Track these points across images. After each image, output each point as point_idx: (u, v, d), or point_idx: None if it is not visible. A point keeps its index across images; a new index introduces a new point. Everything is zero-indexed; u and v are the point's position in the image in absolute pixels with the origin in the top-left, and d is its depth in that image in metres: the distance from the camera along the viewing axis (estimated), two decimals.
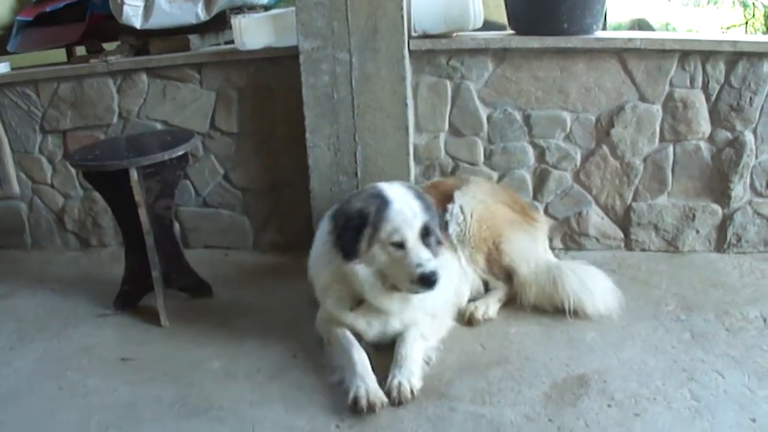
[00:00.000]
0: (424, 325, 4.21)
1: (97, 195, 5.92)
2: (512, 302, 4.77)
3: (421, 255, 3.93)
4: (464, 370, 4.09)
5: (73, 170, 6.21)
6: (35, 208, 6.45)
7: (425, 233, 4.01)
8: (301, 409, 3.84)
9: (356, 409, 3.65)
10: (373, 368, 3.93)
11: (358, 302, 4.17)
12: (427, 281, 3.85)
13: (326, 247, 4.24)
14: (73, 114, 6.10)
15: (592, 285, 4.62)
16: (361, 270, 4.01)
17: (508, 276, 4.79)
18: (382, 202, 4.01)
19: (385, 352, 4.12)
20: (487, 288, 4.84)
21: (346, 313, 4.21)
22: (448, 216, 4.71)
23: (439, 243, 4.12)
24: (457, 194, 4.85)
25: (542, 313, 4.65)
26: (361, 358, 3.99)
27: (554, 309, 4.63)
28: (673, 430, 3.47)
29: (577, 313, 4.56)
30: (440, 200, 4.79)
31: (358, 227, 3.97)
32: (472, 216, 4.73)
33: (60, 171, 6.30)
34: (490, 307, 4.66)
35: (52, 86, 6.06)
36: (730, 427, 3.47)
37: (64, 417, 3.93)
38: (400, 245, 3.94)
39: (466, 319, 4.60)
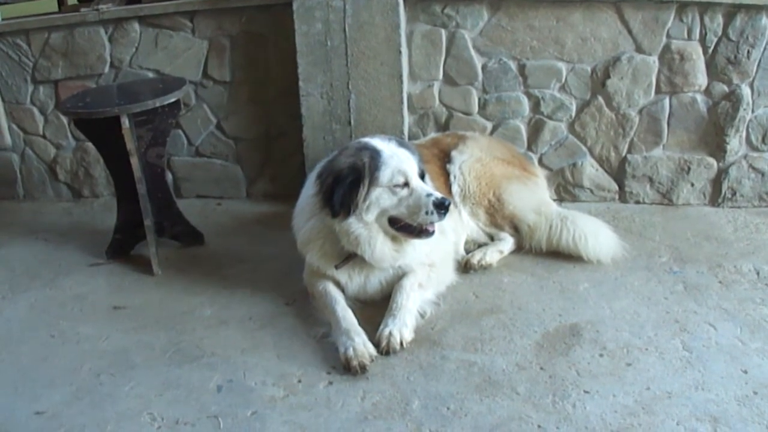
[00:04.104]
0: (422, 274, 4.22)
1: (89, 145, 5.92)
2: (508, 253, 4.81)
3: (425, 187, 4.02)
4: (457, 319, 4.11)
5: (65, 120, 6.17)
6: (27, 159, 6.42)
7: (421, 176, 4.10)
8: (293, 356, 3.86)
9: (349, 370, 3.67)
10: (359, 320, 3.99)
11: (345, 259, 4.17)
12: (442, 206, 3.93)
13: (309, 201, 4.25)
14: (65, 64, 6.04)
15: (597, 231, 4.71)
16: (353, 225, 4.00)
17: (514, 227, 4.84)
18: (374, 152, 4.02)
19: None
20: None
21: (329, 267, 4.22)
22: (451, 179, 4.80)
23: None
24: (454, 154, 4.89)
25: (536, 264, 4.67)
26: (345, 314, 4.01)
27: (556, 255, 4.70)
28: (665, 380, 3.48)
29: (578, 259, 4.62)
30: (440, 158, 4.87)
31: (353, 182, 3.95)
32: (470, 174, 4.79)
33: (52, 121, 6.26)
34: (487, 254, 4.68)
35: (43, 36, 6.00)
36: (722, 377, 3.48)
37: (56, 364, 3.94)
38: (404, 185, 3.98)
39: (462, 266, 4.64)
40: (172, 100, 4.80)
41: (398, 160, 4.00)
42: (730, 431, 3.13)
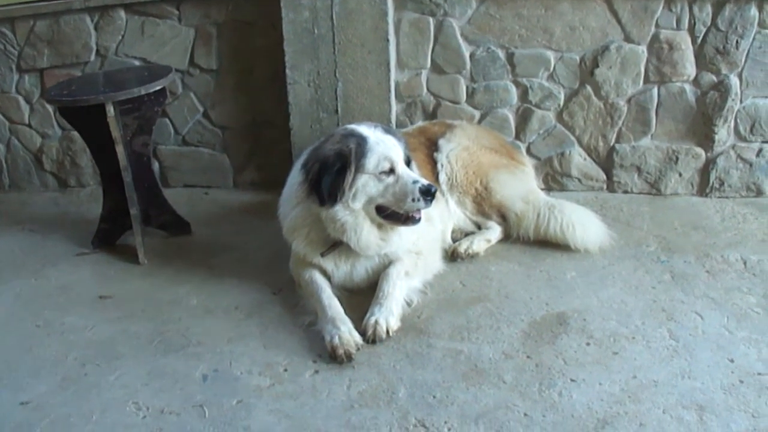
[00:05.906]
0: (408, 262, 4.21)
1: (75, 134, 5.89)
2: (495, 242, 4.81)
3: (411, 174, 4.01)
4: (443, 307, 4.11)
5: (50, 109, 6.14)
6: (12, 149, 6.39)
7: (407, 163, 4.09)
8: (279, 346, 3.85)
9: (335, 358, 3.66)
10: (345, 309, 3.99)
11: (331, 246, 4.16)
12: (428, 192, 3.91)
13: (295, 189, 4.22)
14: (50, 52, 6.00)
15: (585, 220, 4.71)
16: (340, 212, 3.99)
17: (502, 216, 4.83)
18: (360, 139, 4.00)
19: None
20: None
21: (314, 255, 4.20)
22: (439, 167, 4.78)
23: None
24: (441, 142, 4.88)
25: (523, 253, 4.67)
26: (331, 303, 4.01)
27: (544, 244, 4.70)
28: (652, 369, 3.48)
29: (566, 248, 4.62)
30: (427, 147, 4.85)
31: (339, 169, 3.93)
32: (457, 163, 4.78)
33: (37, 110, 6.23)
34: (474, 243, 4.67)
35: (29, 24, 5.96)
36: (708, 366, 3.48)
37: (41, 354, 3.93)
38: (390, 171, 3.97)
39: (449, 255, 4.63)
40: (158, 88, 4.79)
41: (384, 146, 3.98)
42: (716, 419, 3.13)
